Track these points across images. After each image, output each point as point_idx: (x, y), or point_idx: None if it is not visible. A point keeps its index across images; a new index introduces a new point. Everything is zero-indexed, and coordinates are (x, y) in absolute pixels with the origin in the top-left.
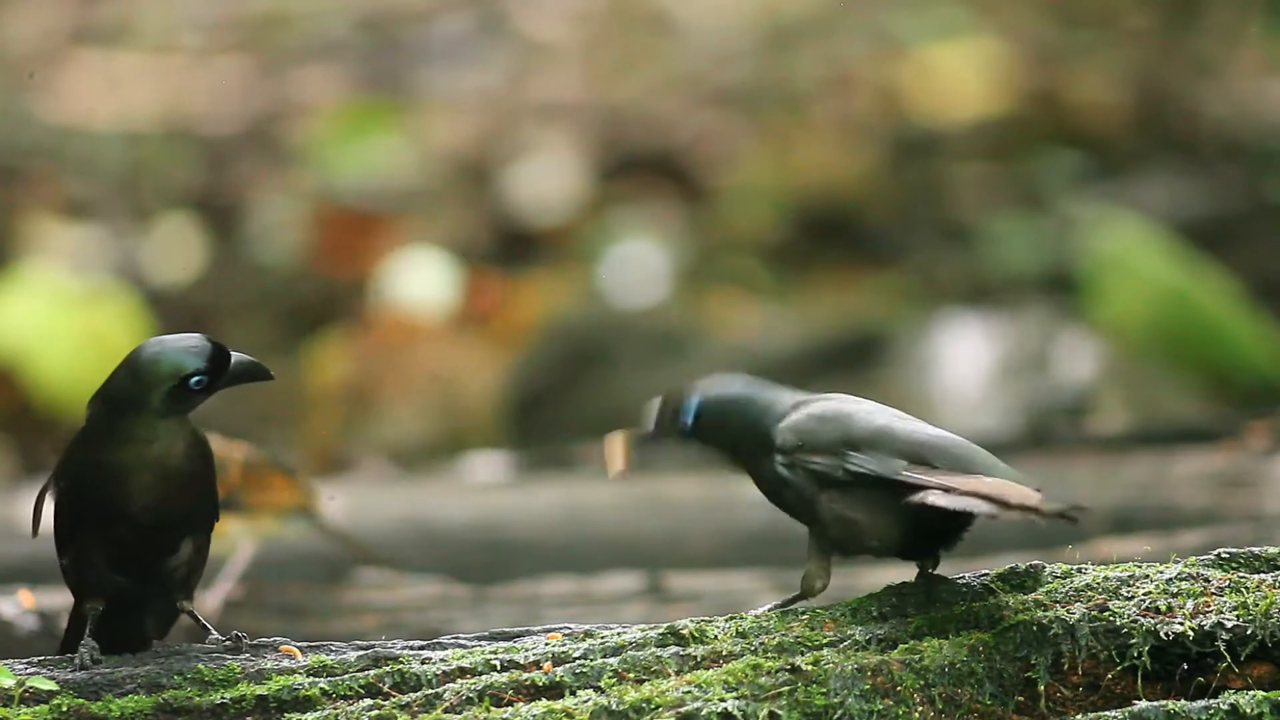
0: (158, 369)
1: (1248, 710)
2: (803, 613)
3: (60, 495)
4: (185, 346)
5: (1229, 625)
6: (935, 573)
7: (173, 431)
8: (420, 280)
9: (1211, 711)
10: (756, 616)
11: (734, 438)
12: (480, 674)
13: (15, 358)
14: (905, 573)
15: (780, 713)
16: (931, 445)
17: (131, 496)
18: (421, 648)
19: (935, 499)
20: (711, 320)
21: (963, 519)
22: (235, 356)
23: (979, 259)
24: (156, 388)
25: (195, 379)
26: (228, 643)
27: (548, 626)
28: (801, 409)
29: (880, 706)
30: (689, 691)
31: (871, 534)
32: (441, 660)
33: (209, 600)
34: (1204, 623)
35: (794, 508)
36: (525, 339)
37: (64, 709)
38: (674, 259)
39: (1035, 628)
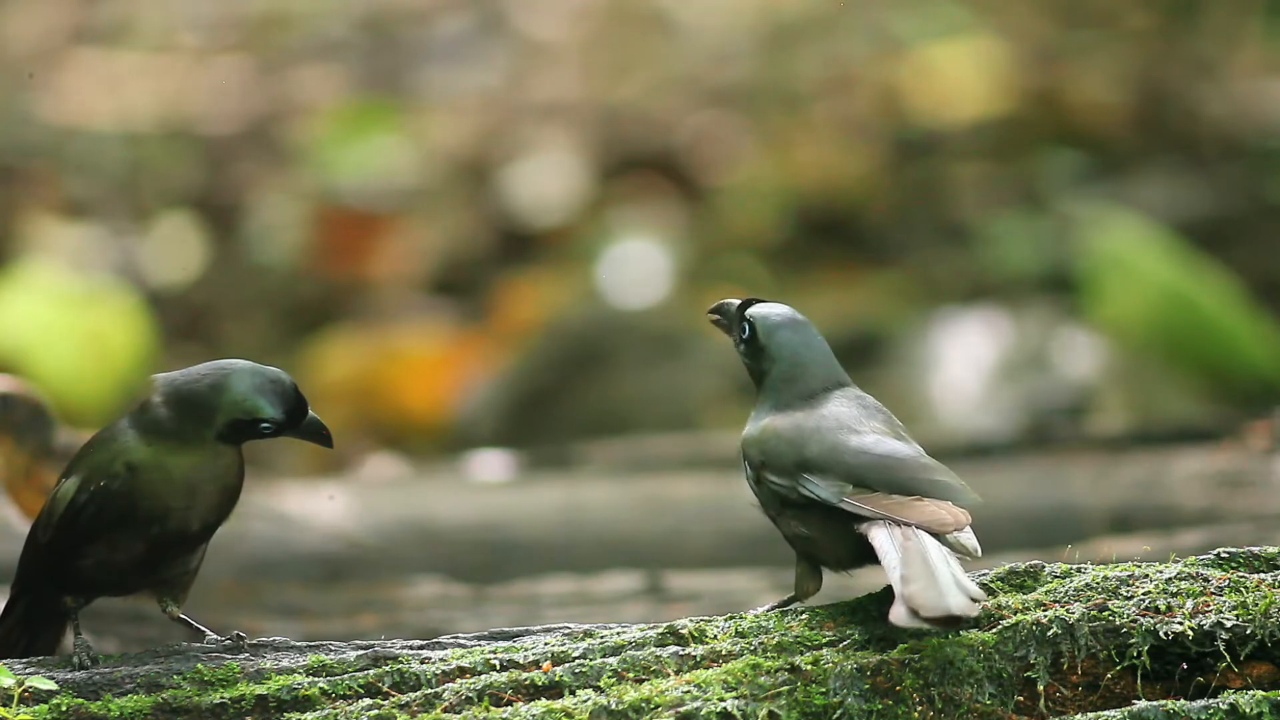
0: (238, 400)
1: (1247, 710)
2: (802, 612)
3: (97, 490)
4: (272, 389)
5: (1228, 625)
6: None
7: (231, 450)
8: None
9: (1211, 711)
10: (756, 616)
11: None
12: (480, 674)
13: (15, 358)
14: None
15: (780, 712)
16: (875, 465)
17: (194, 508)
18: (421, 647)
19: (874, 536)
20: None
21: None
22: (310, 415)
23: (979, 259)
24: (228, 414)
25: (265, 425)
26: (227, 642)
27: (547, 626)
28: (781, 416)
29: (880, 706)
30: (688, 691)
31: (829, 551)
32: (441, 660)
33: None
34: (1203, 622)
35: (767, 517)
36: (525, 339)
37: (64, 709)
38: (674, 259)
39: (1035, 627)
